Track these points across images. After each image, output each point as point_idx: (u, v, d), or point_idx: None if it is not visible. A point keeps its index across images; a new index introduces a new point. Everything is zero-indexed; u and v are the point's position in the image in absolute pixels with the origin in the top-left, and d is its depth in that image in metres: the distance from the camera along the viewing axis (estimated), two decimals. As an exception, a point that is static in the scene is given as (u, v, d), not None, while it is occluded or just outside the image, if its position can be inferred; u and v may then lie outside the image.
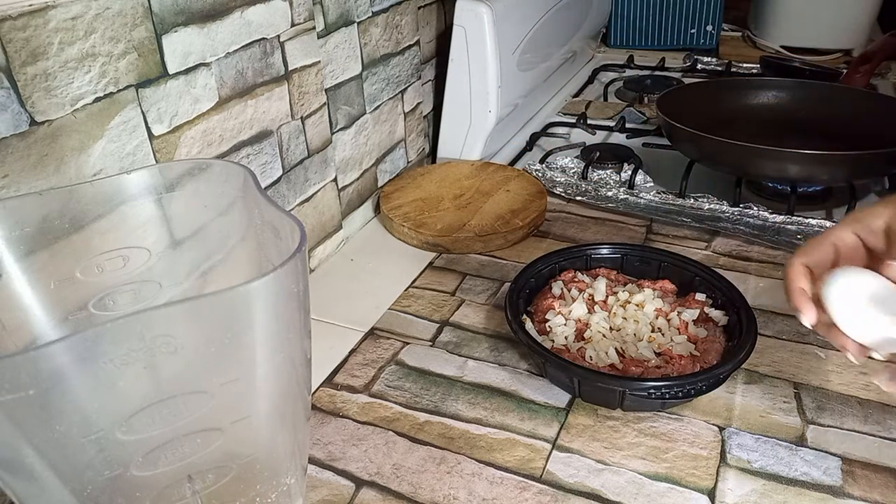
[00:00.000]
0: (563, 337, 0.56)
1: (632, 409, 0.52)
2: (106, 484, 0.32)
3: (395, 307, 0.65)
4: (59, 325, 0.39)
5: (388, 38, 0.78)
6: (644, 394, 0.49)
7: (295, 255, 0.31)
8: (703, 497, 0.45)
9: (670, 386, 0.49)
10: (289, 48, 0.61)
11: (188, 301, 0.30)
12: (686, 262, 0.61)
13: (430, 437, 0.51)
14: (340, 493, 0.47)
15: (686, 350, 0.54)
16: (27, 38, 0.40)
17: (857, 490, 0.45)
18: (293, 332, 0.34)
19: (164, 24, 0.49)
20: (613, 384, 0.50)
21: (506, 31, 0.86)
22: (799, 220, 0.73)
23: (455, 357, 0.58)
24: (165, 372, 0.30)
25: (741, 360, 0.50)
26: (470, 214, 0.76)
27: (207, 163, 0.42)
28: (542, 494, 0.46)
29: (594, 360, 0.54)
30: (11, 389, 0.26)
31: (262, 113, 0.60)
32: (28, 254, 0.38)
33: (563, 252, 0.64)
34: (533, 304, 0.61)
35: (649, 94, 1.12)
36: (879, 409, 0.51)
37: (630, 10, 1.34)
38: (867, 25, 1.23)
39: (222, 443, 0.34)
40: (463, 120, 0.89)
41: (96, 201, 0.40)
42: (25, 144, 0.41)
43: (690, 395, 0.50)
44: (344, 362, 0.58)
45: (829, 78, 1.08)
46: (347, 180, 0.76)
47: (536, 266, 0.63)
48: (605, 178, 0.85)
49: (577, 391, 0.53)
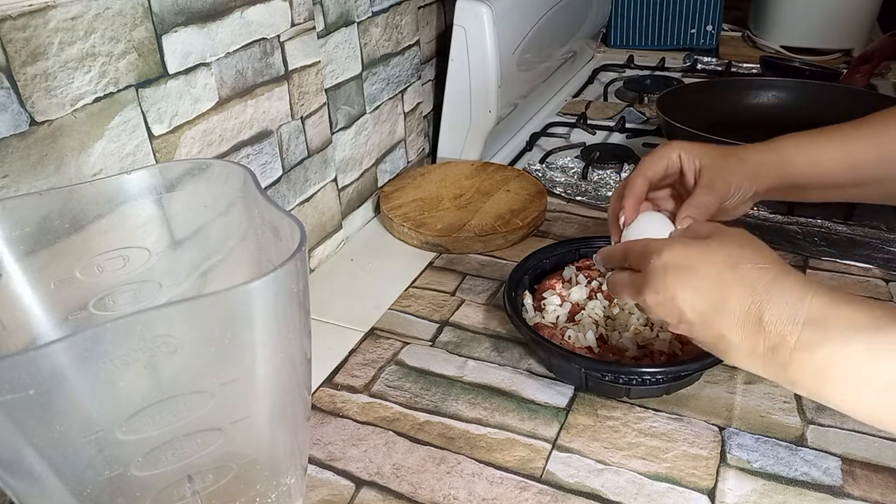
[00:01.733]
0: (554, 315, 0.58)
1: (595, 390, 0.54)
2: (106, 484, 0.32)
3: (395, 307, 0.65)
4: (59, 325, 0.39)
5: (388, 38, 0.78)
6: (598, 374, 0.51)
7: (295, 255, 0.31)
8: (703, 497, 0.45)
9: (622, 372, 0.51)
10: (289, 48, 0.61)
11: (188, 301, 0.30)
12: None
13: (430, 437, 0.51)
14: (340, 493, 0.47)
15: (670, 347, 0.54)
16: (27, 38, 0.40)
17: (857, 490, 0.45)
18: (293, 332, 0.34)
19: (164, 24, 0.49)
20: (575, 361, 0.52)
21: (506, 31, 0.86)
22: (799, 220, 0.73)
23: (455, 357, 0.58)
24: (165, 372, 0.30)
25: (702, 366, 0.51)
26: (470, 214, 0.76)
27: (207, 163, 0.42)
28: (542, 494, 0.46)
29: (572, 339, 0.55)
30: (11, 389, 0.27)
31: (262, 113, 0.60)
32: (28, 254, 0.38)
33: (587, 240, 0.66)
34: (541, 283, 0.63)
35: (649, 94, 1.12)
36: (879, 409, 0.51)
37: (630, 10, 1.34)
38: (867, 25, 1.23)
39: (222, 443, 0.34)
40: (463, 120, 0.89)
41: (96, 201, 0.40)
42: (25, 144, 0.41)
43: (631, 384, 0.52)
44: (344, 362, 0.58)
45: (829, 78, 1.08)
46: (347, 180, 0.76)
47: (556, 248, 0.65)
48: (605, 178, 0.85)
49: (549, 365, 0.56)
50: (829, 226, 0.72)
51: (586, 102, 1.12)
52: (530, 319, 0.58)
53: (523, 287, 0.62)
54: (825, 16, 1.23)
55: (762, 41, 1.32)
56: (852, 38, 1.23)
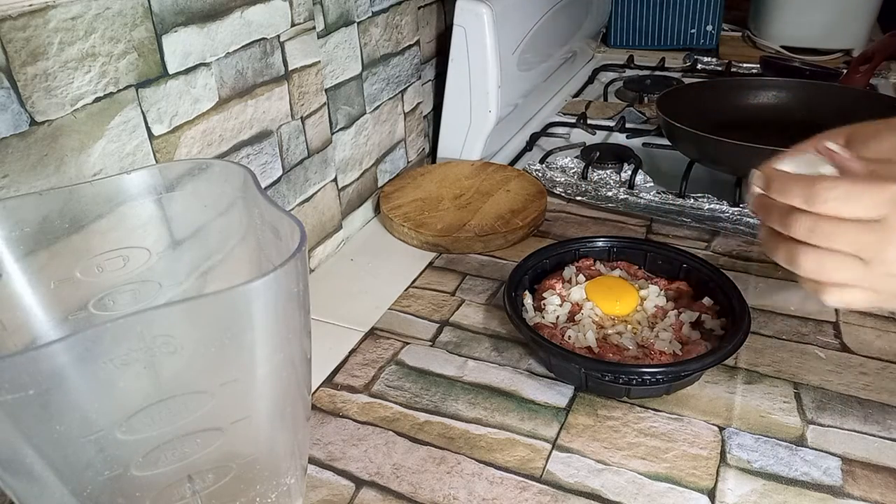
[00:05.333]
0: (554, 315, 0.58)
1: (595, 390, 0.54)
2: (106, 484, 0.32)
3: (395, 307, 0.65)
4: (59, 325, 0.39)
5: (388, 38, 0.78)
6: (598, 374, 0.51)
7: (295, 255, 0.31)
8: (703, 497, 0.45)
9: (622, 372, 0.51)
10: (289, 48, 0.61)
11: (188, 301, 0.30)
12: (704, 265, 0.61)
13: (430, 437, 0.51)
14: (340, 493, 0.47)
15: (670, 348, 0.54)
16: (27, 38, 0.40)
17: (857, 490, 0.45)
18: (293, 332, 0.34)
19: (164, 24, 0.49)
20: (575, 361, 0.52)
21: (506, 31, 0.86)
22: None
23: (455, 357, 0.58)
24: (165, 372, 0.30)
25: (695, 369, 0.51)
26: (470, 214, 0.76)
27: (207, 163, 0.42)
28: (542, 494, 0.46)
29: (572, 340, 0.55)
30: (11, 389, 0.26)
31: (262, 113, 0.60)
32: (28, 254, 0.38)
33: (587, 240, 0.66)
34: (541, 283, 0.63)
35: (649, 94, 1.12)
36: (879, 409, 0.51)
37: (630, 10, 1.34)
38: (867, 25, 1.23)
39: (222, 443, 0.34)
40: (463, 120, 0.89)
41: (96, 201, 0.40)
42: (25, 144, 0.41)
43: (631, 384, 0.51)
44: (344, 362, 0.58)
45: (829, 78, 1.08)
46: (347, 180, 0.76)
47: (556, 248, 0.65)
48: (605, 178, 0.85)
49: (549, 365, 0.56)
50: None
51: (586, 102, 1.12)
52: (530, 319, 0.58)
53: (523, 287, 0.62)
54: (825, 16, 1.23)
55: (762, 41, 1.31)
56: (852, 38, 1.23)
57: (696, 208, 0.78)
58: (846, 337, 0.58)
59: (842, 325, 0.60)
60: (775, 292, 0.64)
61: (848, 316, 0.61)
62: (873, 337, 0.58)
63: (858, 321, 0.60)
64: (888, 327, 0.59)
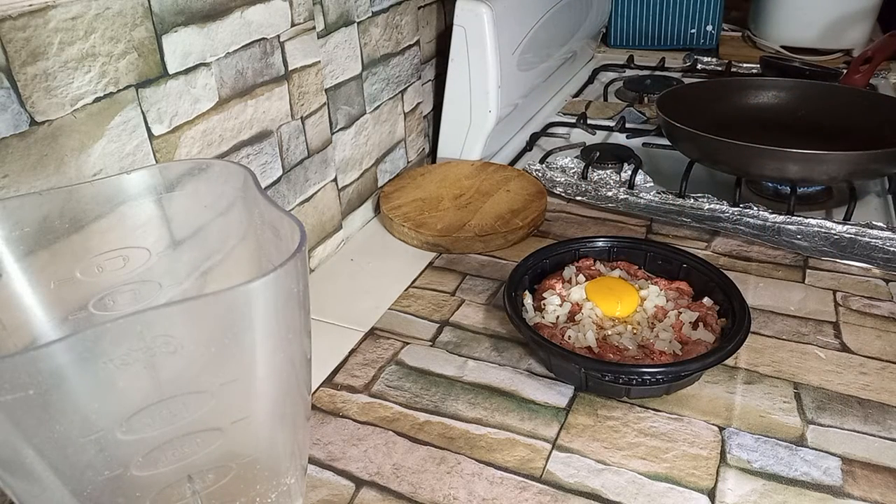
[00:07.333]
0: (554, 316, 0.58)
1: (595, 390, 0.54)
2: (106, 484, 0.32)
3: (395, 307, 0.65)
4: (59, 325, 0.39)
5: (388, 38, 0.78)
6: (598, 374, 0.51)
7: (295, 255, 0.31)
8: (703, 497, 0.45)
9: (622, 372, 0.51)
10: (289, 48, 0.61)
11: (188, 301, 0.29)
12: (704, 265, 0.61)
13: (430, 437, 0.51)
14: (340, 493, 0.47)
15: (670, 348, 0.54)
16: (27, 38, 0.40)
17: (857, 490, 0.45)
18: (293, 332, 0.34)
19: (164, 24, 0.49)
20: (575, 361, 0.52)
21: (506, 31, 0.86)
22: (799, 220, 0.73)
23: (455, 357, 0.58)
24: (165, 372, 0.30)
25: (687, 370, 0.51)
26: (470, 214, 0.76)
27: (207, 163, 0.42)
28: (542, 494, 0.46)
29: (572, 340, 0.55)
30: (11, 389, 0.26)
31: (262, 113, 0.60)
32: (28, 254, 0.38)
33: (587, 240, 0.66)
34: (541, 283, 0.63)
35: (649, 94, 1.12)
36: (879, 409, 0.51)
37: (630, 10, 1.34)
38: (867, 25, 1.23)
39: (222, 443, 0.34)
40: (463, 120, 0.89)
41: (96, 201, 0.40)
42: (25, 144, 0.41)
43: (631, 384, 0.51)
44: (344, 362, 0.58)
45: (829, 78, 1.08)
46: (347, 180, 0.76)
47: (556, 248, 0.65)
48: (605, 178, 0.85)
49: (549, 365, 0.56)
50: (830, 226, 0.72)
51: (586, 102, 1.12)
52: (530, 319, 0.58)
53: (523, 287, 0.62)
54: (825, 16, 1.23)
55: (762, 41, 1.32)
56: (852, 38, 1.23)
57: (696, 208, 0.78)
58: (846, 337, 0.58)
59: (842, 325, 0.60)
60: (775, 292, 0.64)
61: (848, 316, 0.61)
62: (873, 337, 0.58)
63: (858, 321, 0.60)
64: (888, 327, 0.59)
